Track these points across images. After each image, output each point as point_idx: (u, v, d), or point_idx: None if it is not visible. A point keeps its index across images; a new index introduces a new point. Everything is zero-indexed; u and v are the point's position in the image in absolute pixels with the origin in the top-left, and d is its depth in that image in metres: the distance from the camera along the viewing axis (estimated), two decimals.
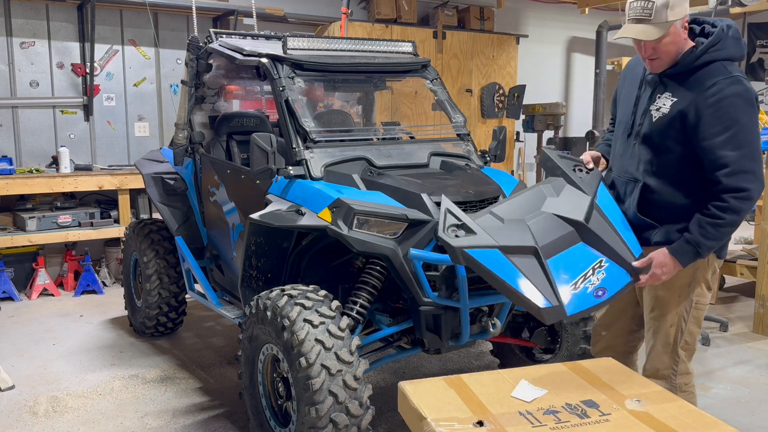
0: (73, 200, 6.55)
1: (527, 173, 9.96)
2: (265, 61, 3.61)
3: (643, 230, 2.63)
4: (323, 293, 3.03)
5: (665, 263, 2.47)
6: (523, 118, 9.07)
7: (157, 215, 5.97)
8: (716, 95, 2.37)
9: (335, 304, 2.98)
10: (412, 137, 4.23)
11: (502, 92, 8.95)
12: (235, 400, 3.82)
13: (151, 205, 6.60)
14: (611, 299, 2.42)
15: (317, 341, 2.76)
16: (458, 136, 3.95)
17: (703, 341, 4.76)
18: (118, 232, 6.35)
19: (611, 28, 9.14)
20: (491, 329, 3.20)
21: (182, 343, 4.85)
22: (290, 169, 3.31)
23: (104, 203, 6.70)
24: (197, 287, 4.53)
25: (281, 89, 3.51)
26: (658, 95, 2.56)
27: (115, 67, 6.88)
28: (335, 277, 3.59)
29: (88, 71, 6.60)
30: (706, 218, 2.41)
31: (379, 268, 3.21)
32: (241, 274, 3.53)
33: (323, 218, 3.06)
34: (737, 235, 7.89)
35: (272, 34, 4.55)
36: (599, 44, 9.39)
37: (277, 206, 3.27)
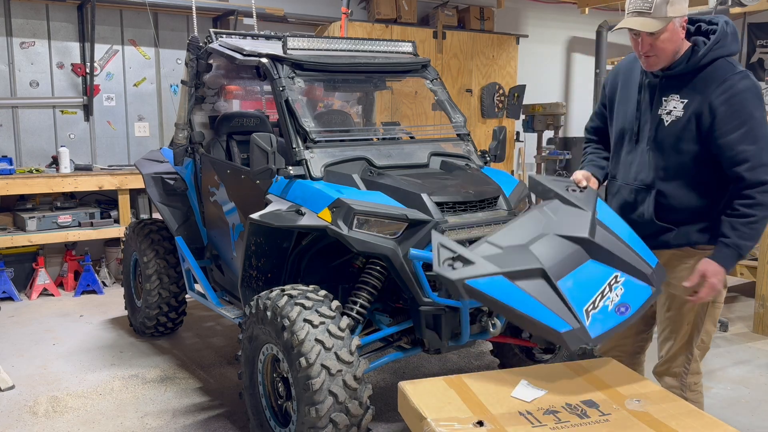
0: (73, 200, 6.55)
1: (527, 173, 9.95)
2: (265, 61, 3.61)
3: (660, 234, 2.59)
4: (323, 293, 3.03)
5: (718, 271, 2.43)
6: (523, 118, 9.07)
7: (157, 215, 5.97)
8: (729, 91, 2.37)
9: (335, 304, 2.98)
10: (412, 137, 4.23)
11: (502, 92, 8.95)
12: (235, 400, 3.82)
13: (151, 205, 6.60)
14: (636, 315, 2.26)
15: (317, 341, 2.76)
16: (458, 136, 3.95)
17: None
18: (118, 232, 6.35)
19: (611, 28, 9.12)
20: (491, 329, 3.20)
21: (182, 343, 4.85)
22: (290, 169, 3.31)
23: (104, 203, 6.70)
24: (197, 287, 4.53)
25: (281, 89, 3.51)
26: (663, 99, 2.53)
27: (115, 67, 6.88)
28: (335, 277, 3.59)
29: (88, 71, 6.60)
30: (738, 219, 2.39)
31: (379, 268, 3.21)
32: (241, 274, 3.53)
33: (323, 218, 3.06)
34: None
35: (272, 34, 4.55)
36: (599, 44, 9.38)
37: (277, 206, 3.27)
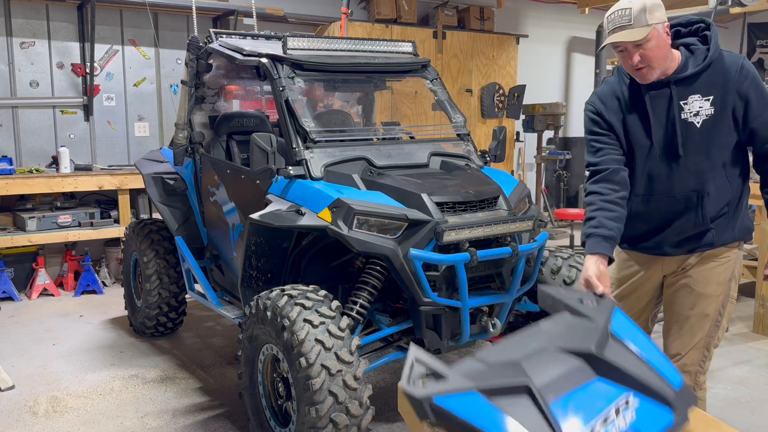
0: (73, 200, 6.55)
1: (527, 173, 9.96)
2: (265, 61, 3.61)
3: (701, 237, 2.57)
4: (323, 293, 3.03)
5: None
6: (523, 118, 9.08)
7: (157, 215, 5.97)
8: (749, 75, 2.45)
9: (335, 304, 2.98)
10: (412, 137, 4.23)
11: (502, 92, 8.95)
12: (235, 400, 3.82)
13: (151, 205, 6.60)
14: None
15: (317, 341, 2.76)
16: (458, 136, 3.95)
17: None
18: (118, 232, 6.35)
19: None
20: (491, 329, 3.20)
21: (182, 343, 4.85)
22: (290, 169, 3.30)
23: (104, 203, 6.70)
24: (197, 287, 4.53)
25: (281, 89, 3.51)
26: (683, 103, 2.49)
27: (115, 67, 6.88)
28: (335, 277, 3.59)
29: (88, 71, 6.60)
30: None
31: (379, 268, 3.21)
32: (241, 274, 3.53)
33: (323, 218, 3.06)
34: None
35: (272, 34, 4.55)
36: (599, 44, 9.39)
37: (277, 206, 3.27)
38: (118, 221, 6.44)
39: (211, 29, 4.47)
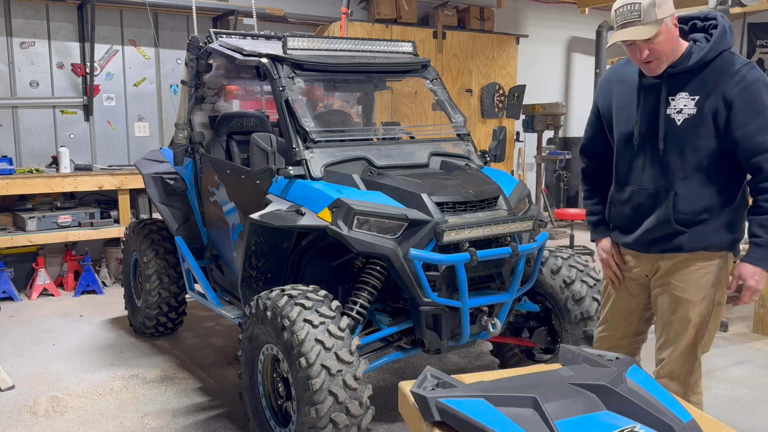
0: (73, 200, 6.54)
1: (527, 173, 9.96)
2: (265, 61, 3.61)
3: (674, 237, 2.55)
4: (323, 293, 3.03)
5: (755, 271, 2.43)
6: (523, 118, 9.08)
7: (157, 215, 5.97)
8: (742, 82, 2.35)
9: (335, 304, 2.98)
10: (412, 137, 4.23)
11: (502, 92, 8.95)
12: (235, 400, 3.82)
13: (151, 205, 6.60)
14: None
15: (317, 341, 2.76)
16: (458, 136, 3.95)
17: None
18: (118, 232, 6.35)
19: (611, 28, 9.14)
20: (491, 329, 3.20)
21: (182, 343, 4.85)
22: (290, 169, 3.30)
23: (104, 203, 6.70)
24: (197, 287, 4.53)
25: (281, 89, 3.51)
26: (671, 98, 2.48)
27: (115, 67, 6.88)
28: (335, 277, 3.59)
29: (88, 71, 6.60)
30: (764, 216, 2.38)
31: (379, 268, 3.21)
32: (241, 274, 3.53)
33: (323, 218, 3.06)
34: None
35: (272, 34, 4.54)
36: (599, 44, 9.38)
37: (277, 206, 3.27)
38: (118, 221, 6.44)
39: (211, 29, 4.47)
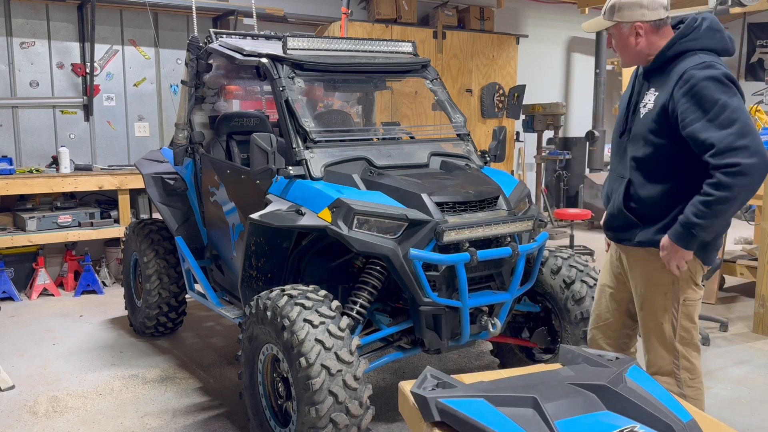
0: (73, 200, 6.54)
1: (527, 173, 9.96)
2: (265, 61, 3.61)
3: (627, 229, 2.69)
4: (323, 293, 3.03)
5: (665, 246, 2.53)
6: (523, 118, 9.08)
7: (157, 215, 5.97)
8: (689, 82, 2.42)
9: (335, 304, 2.98)
10: (412, 137, 4.23)
11: (502, 92, 8.95)
12: (235, 400, 3.82)
13: (151, 205, 6.60)
14: None
15: (317, 341, 2.76)
16: (458, 136, 3.95)
17: (703, 341, 4.76)
18: (118, 232, 6.35)
19: None
20: (491, 329, 3.20)
21: (182, 343, 4.85)
22: (290, 169, 3.30)
23: (104, 203, 6.70)
24: (197, 287, 4.53)
25: (281, 89, 3.51)
26: (645, 92, 2.65)
27: (115, 67, 6.88)
28: (335, 277, 3.59)
29: (88, 71, 6.60)
30: (698, 197, 2.42)
31: (379, 268, 3.21)
32: (241, 274, 3.53)
33: (323, 218, 3.06)
34: (737, 234, 7.89)
35: (272, 34, 4.54)
36: (599, 44, 9.39)
37: (277, 206, 3.27)
38: (118, 221, 6.44)
39: (211, 29, 4.47)
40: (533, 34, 9.76)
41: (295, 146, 3.40)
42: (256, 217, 3.25)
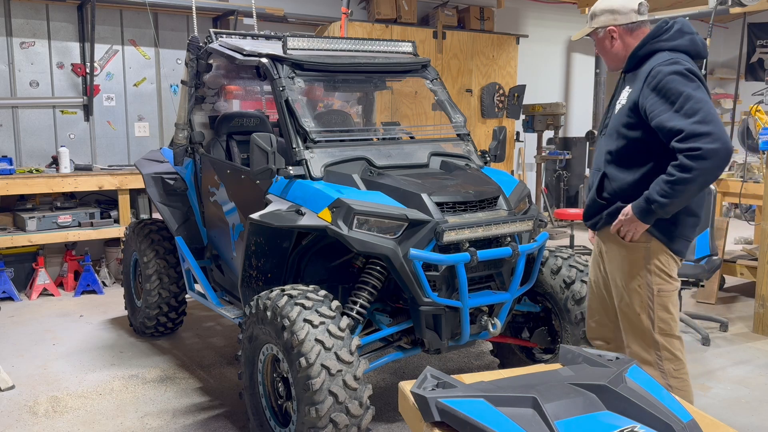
0: (73, 200, 6.54)
1: (527, 173, 9.96)
2: (265, 61, 3.61)
3: (598, 212, 2.88)
4: (323, 293, 3.03)
5: (626, 212, 2.71)
6: (523, 118, 9.08)
7: (157, 215, 5.97)
8: (656, 77, 2.62)
9: (335, 304, 2.98)
10: (412, 137, 4.23)
11: (502, 92, 8.95)
12: (235, 400, 3.82)
13: (151, 205, 6.60)
14: None
15: (317, 341, 2.76)
16: (458, 136, 3.95)
17: (703, 341, 4.76)
18: (118, 232, 6.35)
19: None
20: (491, 329, 3.20)
21: (182, 343, 4.85)
22: (290, 169, 3.30)
23: (104, 203, 6.70)
24: (197, 287, 4.53)
25: (281, 89, 3.51)
26: (621, 91, 2.86)
27: (115, 67, 6.88)
28: (335, 277, 3.59)
29: (88, 71, 6.60)
30: (662, 177, 2.60)
31: (379, 268, 3.21)
32: (241, 274, 3.53)
33: (323, 218, 3.06)
34: (737, 235, 7.89)
35: (272, 34, 4.54)
36: None
37: (277, 206, 3.27)
38: (118, 221, 6.44)
39: (211, 29, 4.47)
40: (533, 34, 9.75)
41: (295, 146, 3.40)
42: (256, 217, 3.25)
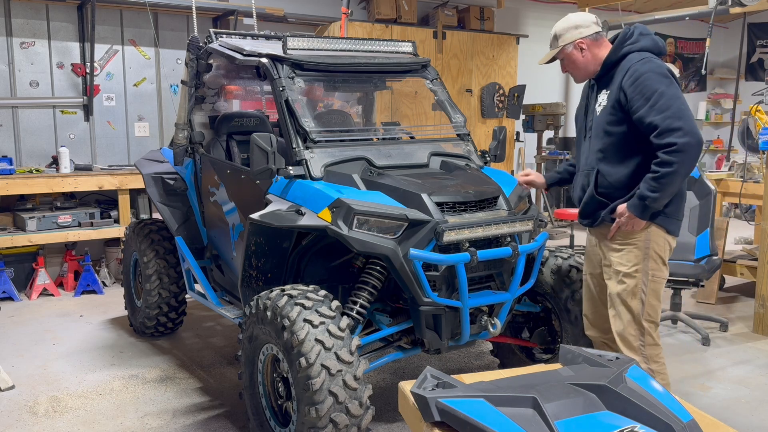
0: (73, 200, 6.54)
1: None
2: (265, 61, 3.61)
3: (600, 210, 3.08)
4: (323, 293, 3.03)
5: (623, 212, 2.95)
6: (523, 118, 9.07)
7: (157, 215, 5.97)
8: (633, 75, 2.87)
9: (335, 304, 2.98)
10: (412, 137, 4.23)
11: (502, 92, 8.95)
12: (235, 400, 3.82)
13: (151, 205, 6.60)
14: None
15: (317, 341, 2.76)
16: (458, 136, 3.95)
17: (703, 341, 4.76)
18: (118, 232, 6.35)
19: (611, 28, 9.12)
20: (491, 329, 3.20)
21: (182, 343, 4.85)
22: (290, 169, 3.30)
23: (104, 203, 6.70)
24: (197, 287, 4.53)
25: (281, 89, 3.51)
26: (597, 95, 3.10)
27: (115, 67, 6.88)
28: (335, 277, 3.59)
29: (88, 71, 6.60)
30: (649, 175, 2.86)
31: (379, 268, 3.21)
32: (241, 274, 3.53)
33: (323, 218, 3.06)
34: (737, 234, 7.89)
35: (272, 34, 4.54)
36: None
37: (277, 206, 3.27)
38: (118, 221, 6.44)
39: (211, 29, 4.47)
40: (533, 34, 9.75)
41: (295, 146, 3.40)
42: (256, 217, 3.25)
